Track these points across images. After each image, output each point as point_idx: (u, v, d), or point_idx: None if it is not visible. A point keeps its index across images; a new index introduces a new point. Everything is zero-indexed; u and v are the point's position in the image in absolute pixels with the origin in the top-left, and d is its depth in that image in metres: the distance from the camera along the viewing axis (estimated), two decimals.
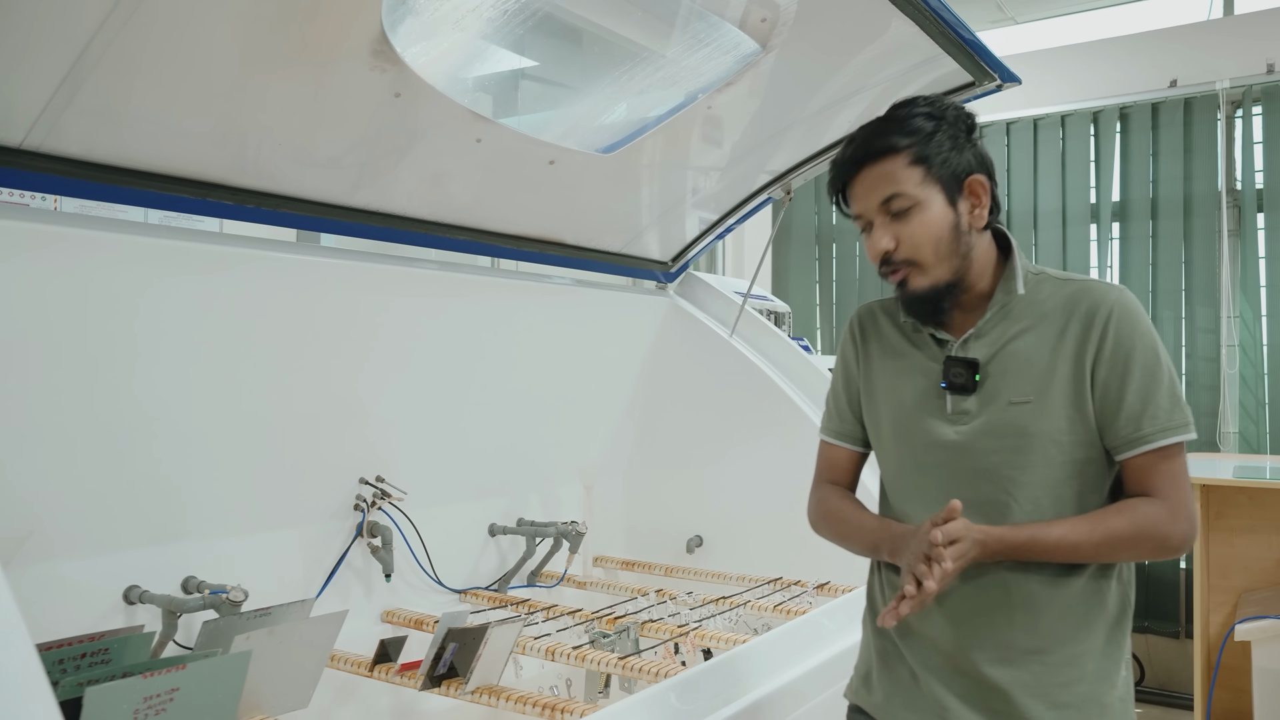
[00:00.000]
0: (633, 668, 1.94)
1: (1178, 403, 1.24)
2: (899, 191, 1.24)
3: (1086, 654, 1.25)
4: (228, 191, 1.91)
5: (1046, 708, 1.24)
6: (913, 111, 1.26)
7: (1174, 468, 1.23)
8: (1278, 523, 3.22)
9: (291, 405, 2.15)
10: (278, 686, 1.65)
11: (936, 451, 1.30)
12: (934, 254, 1.26)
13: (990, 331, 1.29)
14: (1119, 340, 1.23)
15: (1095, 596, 1.26)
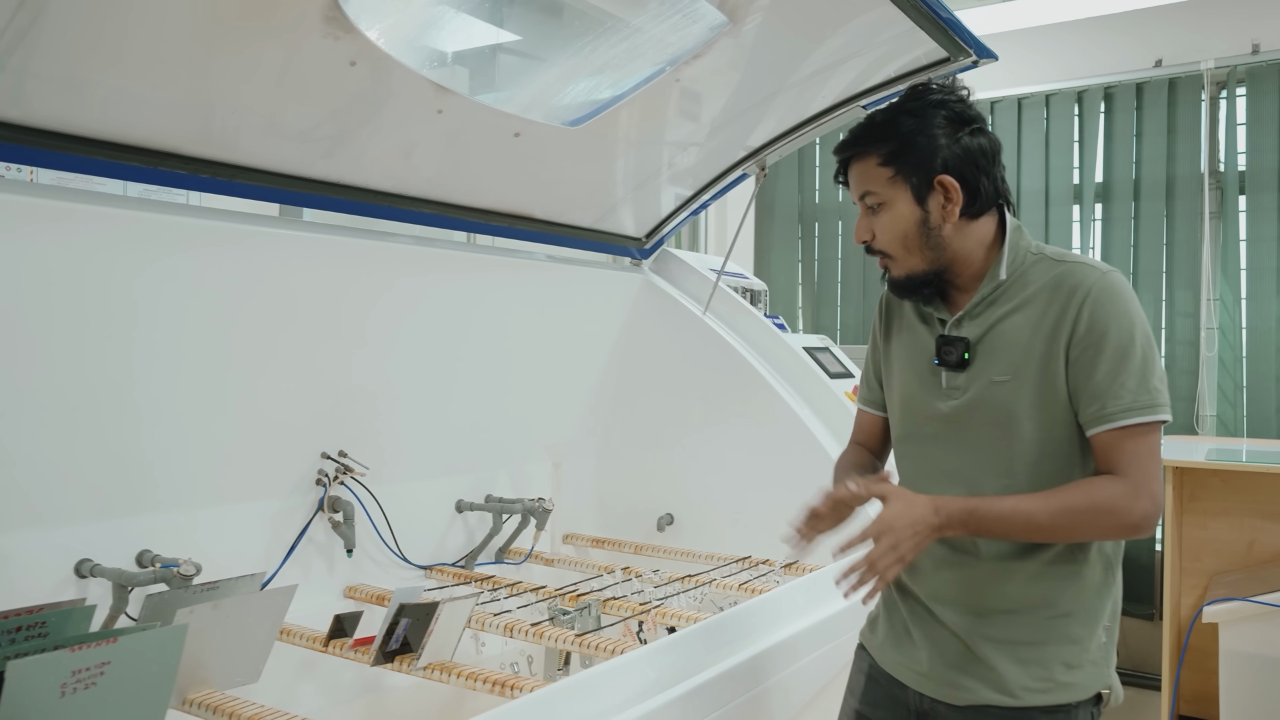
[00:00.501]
0: (589, 644, 1.93)
1: (1147, 384, 1.27)
2: (870, 190, 1.37)
3: (1056, 618, 1.32)
4: (188, 162, 1.88)
5: (1012, 663, 1.32)
6: (899, 110, 1.37)
7: (1138, 447, 1.26)
8: (1250, 506, 3.22)
9: (253, 378, 2.12)
10: (226, 660, 1.64)
11: (932, 423, 1.41)
12: (902, 248, 1.37)
13: (983, 312, 1.36)
14: (1093, 320, 1.28)
15: (1069, 565, 1.32)
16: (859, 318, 4.60)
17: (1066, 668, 1.32)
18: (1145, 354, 1.28)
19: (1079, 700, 1.33)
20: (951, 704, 1.37)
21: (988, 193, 1.37)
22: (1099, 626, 1.36)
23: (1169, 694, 3.07)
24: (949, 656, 1.38)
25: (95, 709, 1.23)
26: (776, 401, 2.87)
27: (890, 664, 1.47)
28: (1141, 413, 1.26)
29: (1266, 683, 2.76)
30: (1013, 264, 1.36)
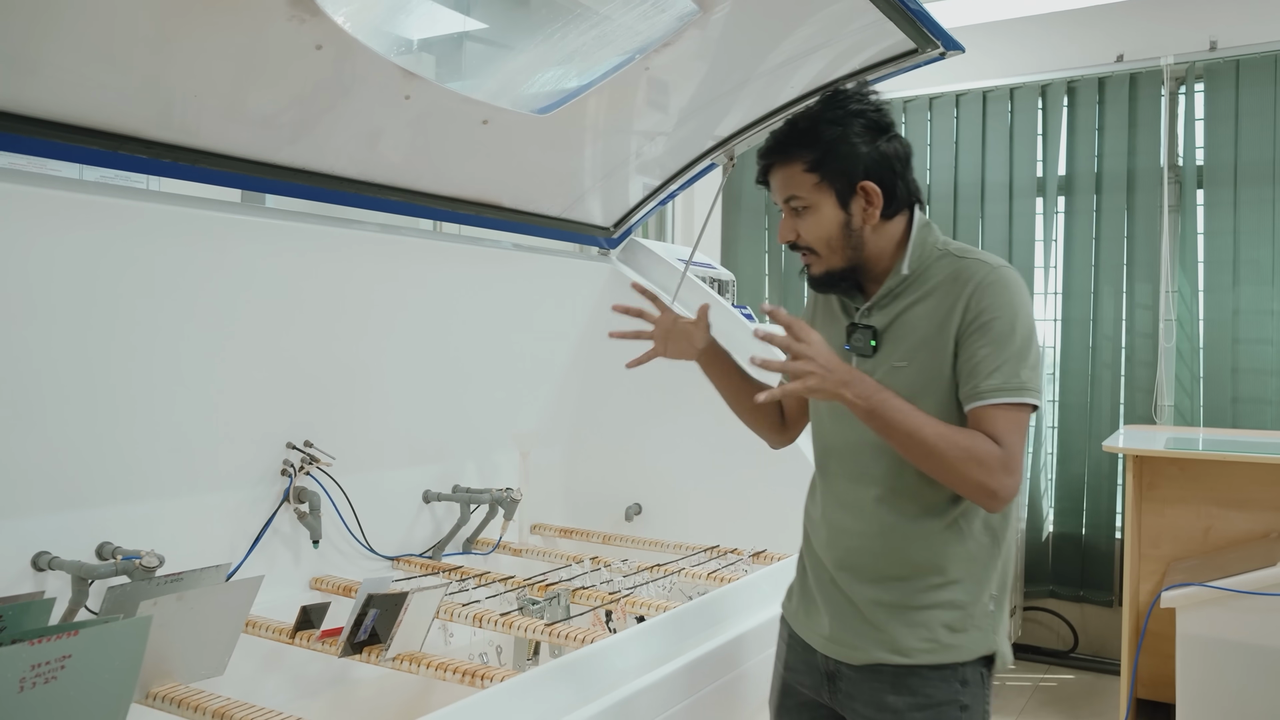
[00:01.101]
0: (559, 634, 1.92)
1: (1018, 370, 1.36)
2: (795, 194, 1.45)
3: (943, 585, 1.42)
4: (152, 147, 1.84)
5: (902, 625, 1.43)
6: (820, 119, 1.44)
7: (1008, 424, 1.35)
8: (1207, 494, 3.29)
9: (216, 367, 2.09)
10: (190, 653, 1.62)
11: None
12: (826, 247, 1.46)
13: (890, 304, 1.47)
14: (980, 308, 1.38)
15: (955, 536, 1.43)
16: None
17: (950, 630, 1.42)
18: (1023, 343, 1.37)
19: (964, 661, 1.43)
20: (851, 664, 1.48)
21: (902, 195, 1.47)
22: (984, 594, 1.45)
23: (1128, 678, 3.12)
24: (847, 621, 1.48)
25: (56, 704, 1.21)
26: None
27: (802, 630, 1.58)
28: (1011, 394, 1.35)
29: (1222, 665, 2.82)
30: (917, 260, 1.46)
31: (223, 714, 1.50)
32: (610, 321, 3.09)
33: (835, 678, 1.50)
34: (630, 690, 1.58)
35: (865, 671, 1.46)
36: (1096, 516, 4.06)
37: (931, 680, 1.42)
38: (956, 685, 1.43)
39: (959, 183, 4.33)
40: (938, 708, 1.42)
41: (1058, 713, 3.60)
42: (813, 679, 1.55)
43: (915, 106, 4.41)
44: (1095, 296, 4.08)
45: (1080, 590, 4.08)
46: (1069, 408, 4.14)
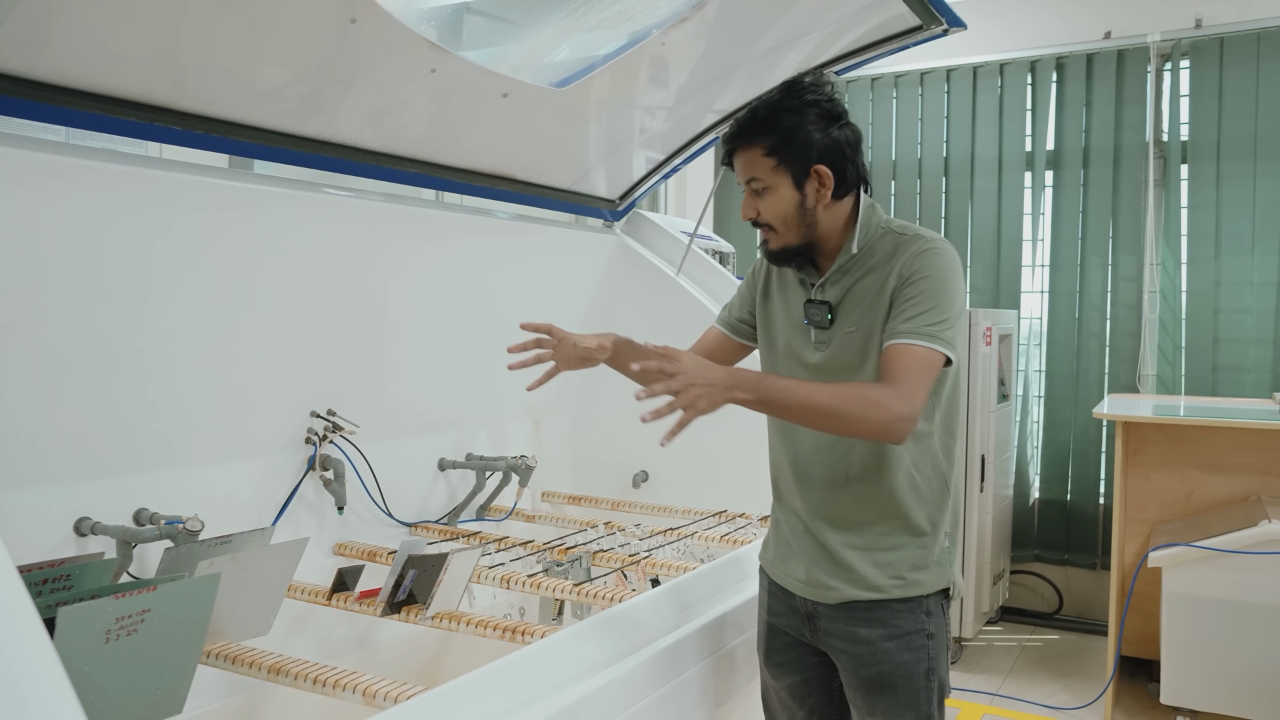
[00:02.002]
0: (587, 593, 1.99)
1: (933, 322, 1.49)
2: (755, 176, 1.57)
3: (904, 528, 1.59)
4: (172, 115, 1.86)
5: (870, 565, 1.59)
6: (778, 108, 1.55)
7: (911, 363, 1.47)
8: (1189, 458, 3.41)
9: (242, 336, 2.12)
10: (240, 613, 1.67)
11: (803, 371, 1.65)
12: (783, 225, 1.58)
13: (840, 279, 1.60)
14: (913, 271, 1.53)
15: (911, 484, 1.58)
16: None
17: (913, 568, 1.59)
18: (945, 302, 1.51)
19: (927, 593, 1.60)
20: (826, 603, 1.62)
21: (851, 177, 1.59)
22: (940, 534, 1.61)
23: (1115, 636, 3.25)
24: (821, 565, 1.62)
25: (136, 654, 1.26)
26: (749, 361, 2.93)
27: (780, 576, 1.72)
28: (920, 338, 1.48)
29: (1204, 621, 2.94)
30: (863, 239, 1.60)
31: (278, 669, 1.56)
32: (616, 292, 3.17)
33: (814, 617, 1.65)
34: (671, 640, 1.65)
35: (840, 609, 1.61)
36: (1082, 483, 4.18)
37: (900, 613, 1.59)
38: (922, 616, 1.59)
39: (949, 157, 4.40)
40: (907, 636, 1.58)
41: (1044, 671, 3.73)
42: (794, 620, 1.69)
43: (906, 81, 4.47)
44: (1082, 269, 4.18)
45: (1065, 554, 4.22)
46: (1056, 377, 4.25)
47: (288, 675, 1.54)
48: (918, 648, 1.59)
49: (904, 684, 1.58)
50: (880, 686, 1.59)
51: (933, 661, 1.60)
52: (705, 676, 1.80)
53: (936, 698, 1.61)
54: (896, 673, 1.58)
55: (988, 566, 3.84)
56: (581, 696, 1.46)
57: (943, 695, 1.63)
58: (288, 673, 1.54)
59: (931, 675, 1.60)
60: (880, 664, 1.58)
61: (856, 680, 1.61)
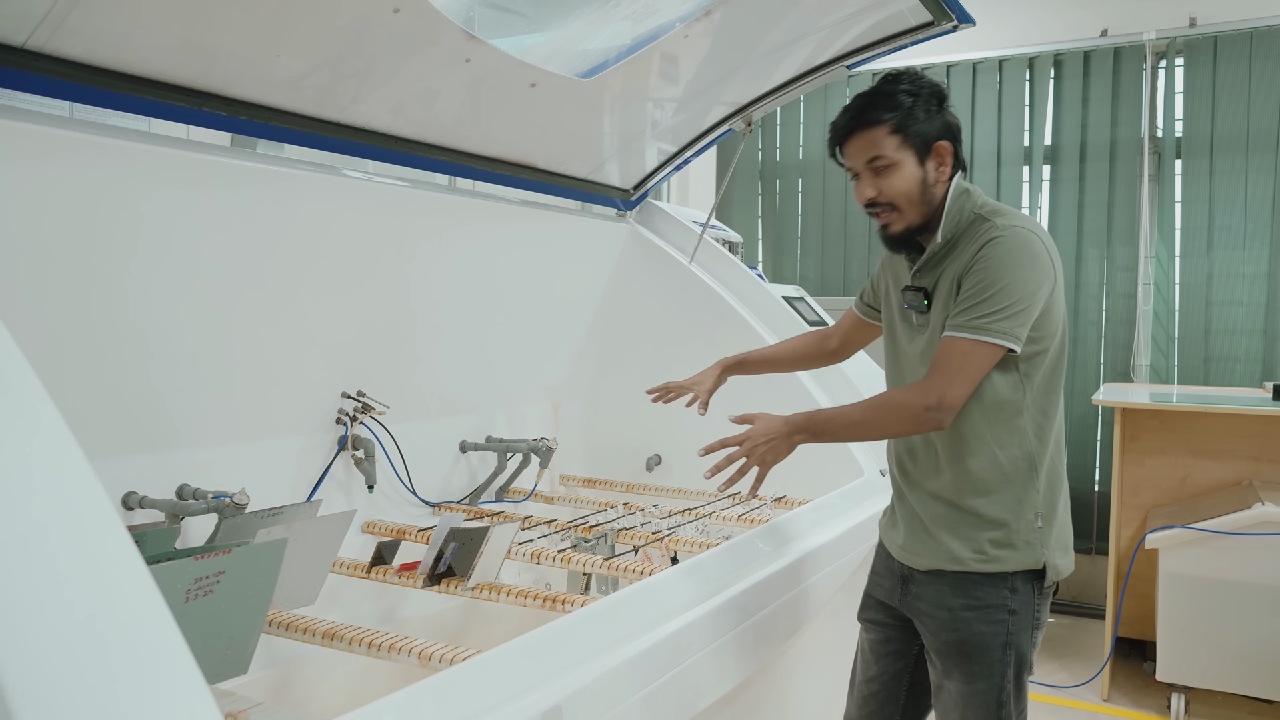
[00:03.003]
0: (617, 567, 2.06)
1: (988, 314, 1.55)
2: (880, 154, 1.62)
3: (984, 505, 1.65)
4: (220, 101, 1.92)
5: (955, 538, 1.67)
6: (896, 88, 1.62)
7: (952, 355, 1.57)
8: (1184, 445, 3.51)
9: (278, 317, 2.17)
10: (289, 583, 1.72)
11: (909, 360, 1.76)
12: (907, 202, 1.63)
13: (934, 267, 1.68)
14: (981, 260, 1.58)
15: (994, 463, 1.64)
16: (817, 272, 4.78)
17: (996, 545, 1.65)
18: (998, 294, 1.55)
19: (1012, 570, 1.65)
20: (918, 569, 1.74)
21: (960, 160, 1.66)
22: (1027, 513, 1.65)
23: (1112, 616, 3.35)
24: (916, 533, 1.74)
25: (212, 614, 1.32)
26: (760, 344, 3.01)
27: (886, 539, 1.87)
28: (964, 330, 1.56)
29: (1199, 600, 3.04)
30: (949, 227, 1.65)
31: (332, 634, 1.62)
32: (630, 280, 3.24)
33: (908, 581, 1.77)
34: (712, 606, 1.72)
35: (930, 575, 1.71)
36: (1078, 469, 4.29)
37: (983, 585, 1.65)
38: (1006, 592, 1.65)
39: None
40: (987, 609, 1.65)
41: (1043, 651, 3.83)
42: (890, 582, 1.82)
43: None
44: (1079, 261, 4.28)
45: None
46: None
47: (342, 640, 1.60)
48: (996, 621, 1.64)
49: (979, 654, 1.65)
50: (957, 653, 1.67)
51: (1012, 636, 1.65)
52: (779, 616, 1.94)
53: (1013, 671, 1.66)
54: (972, 641, 1.65)
55: None
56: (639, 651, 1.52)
57: (1020, 670, 1.68)
58: (342, 638, 1.61)
59: (1009, 649, 1.65)
60: (958, 631, 1.66)
61: (937, 643, 1.71)
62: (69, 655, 0.79)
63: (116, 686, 0.81)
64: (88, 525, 0.90)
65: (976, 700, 1.66)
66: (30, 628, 0.78)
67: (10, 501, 0.85)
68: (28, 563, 0.82)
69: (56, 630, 0.80)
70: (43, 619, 0.80)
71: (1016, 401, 1.63)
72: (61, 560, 0.85)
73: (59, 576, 0.84)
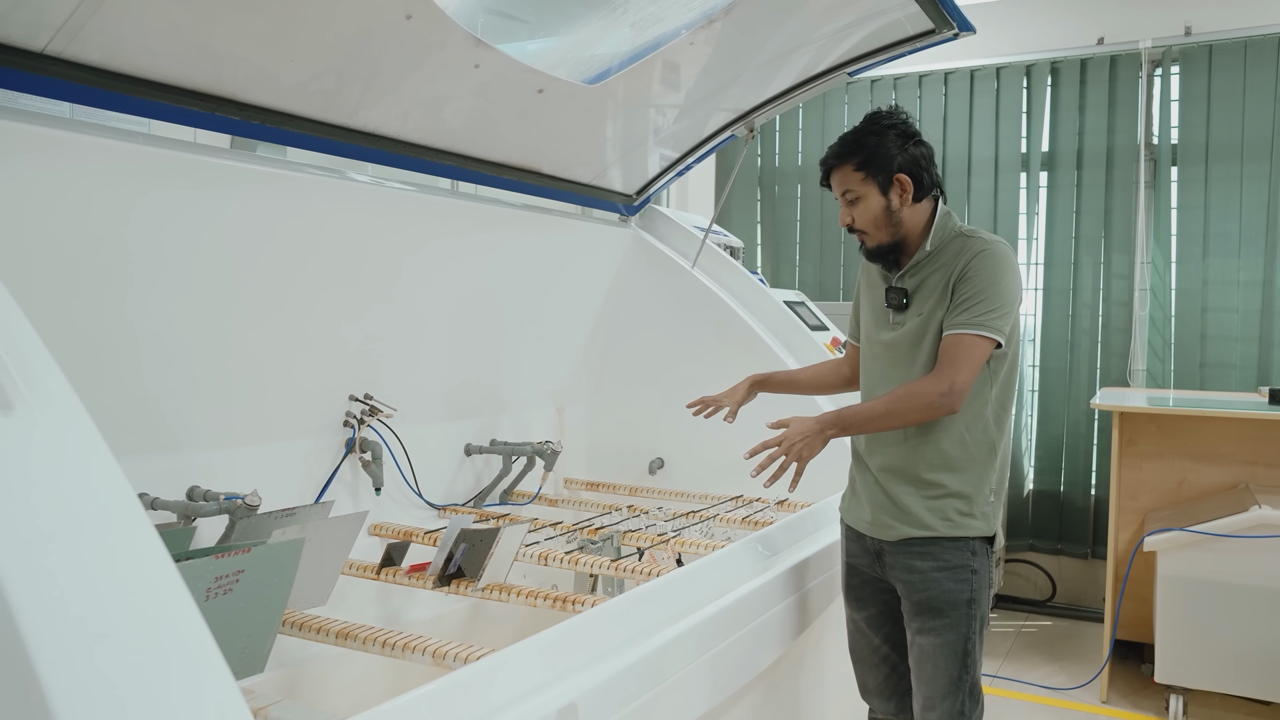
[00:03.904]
0: (624, 569, 2.08)
1: (985, 312, 1.82)
2: (849, 188, 1.93)
3: (953, 480, 1.88)
4: (235, 107, 1.94)
5: (923, 508, 1.89)
6: (863, 133, 1.92)
7: (957, 350, 1.82)
8: (1181, 448, 3.54)
9: (285, 320, 2.19)
10: (302, 583, 1.74)
11: (879, 347, 2.00)
12: (873, 227, 1.93)
13: (917, 272, 1.94)
14: (971, 269, 1.85)
15: (961, 445, 1.88)
16: (816, 277, 4.80)
17: (959, 514, 1.88)
18: (990, 296, 1.82)
19: (972, 536, 1.89)
20: (888, 540, 1.93)
21: (927, 184, 1.93)
22: (985, 488, 1.91)
23: (1111, 620, 3.37)
24: (885, 509, 1.94)
25: (232, 611, 1.33)
26: (765, 350, 3.04)
27: (852, 520, 2.05)
28: (967, 327, 1.82)
29: (1197, 603, 3.07)
30: (938, 239, 1.93)
31: (346, 634, 1.64)
32: (632, 285, 3.26)
33: (881, 554, 1.97)
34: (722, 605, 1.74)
35: (900, 545, 1.92)
36: (1074, 474, 4.31)
37: (949, 549, 1.89)
38: (968, 554, 1.89)
39: (947, 158, 4.52)
40: (954, 569, 1.88)
41: (1041, 654, 3.86)
42: (866, 559, 2.02)
43: (905, 84, 4.59)
44: (1075, 267, 4.31)
45: (1058, 544, 4.34)
46: (1049, 372, 4.38)
47: (356, 640, 1.62)
48: (962, 580, 1.88)
49: (948, 609, 1.88)
50: (929, 609, 1.89)
51: (975, 593, 1.89)
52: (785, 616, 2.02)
53: (978, 625, 1.91)
54: (943, 598, 1.88)
55: None
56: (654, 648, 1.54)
57: (983, 625, 1.93)
58: (356, 637, 1.62)
59: (973, 605, 1.89)
60: (929, 589, 1.88)
61: (910, 604, 1.92)
62: (103, 651, 0.81)
63: (148, 683, 0.82)
64: (118, 524, 0.91)
65: (947, 650, 1.88)
66: (65, 624, 0.80)
67: (45, 501, 0.86)
68: (62, 560, 0.84)
69: (89, 627, 0.81)
70: (77, 615, 0.81)
71: (984, 393, 1.89)
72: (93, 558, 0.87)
73: (92, 574, 0.85)
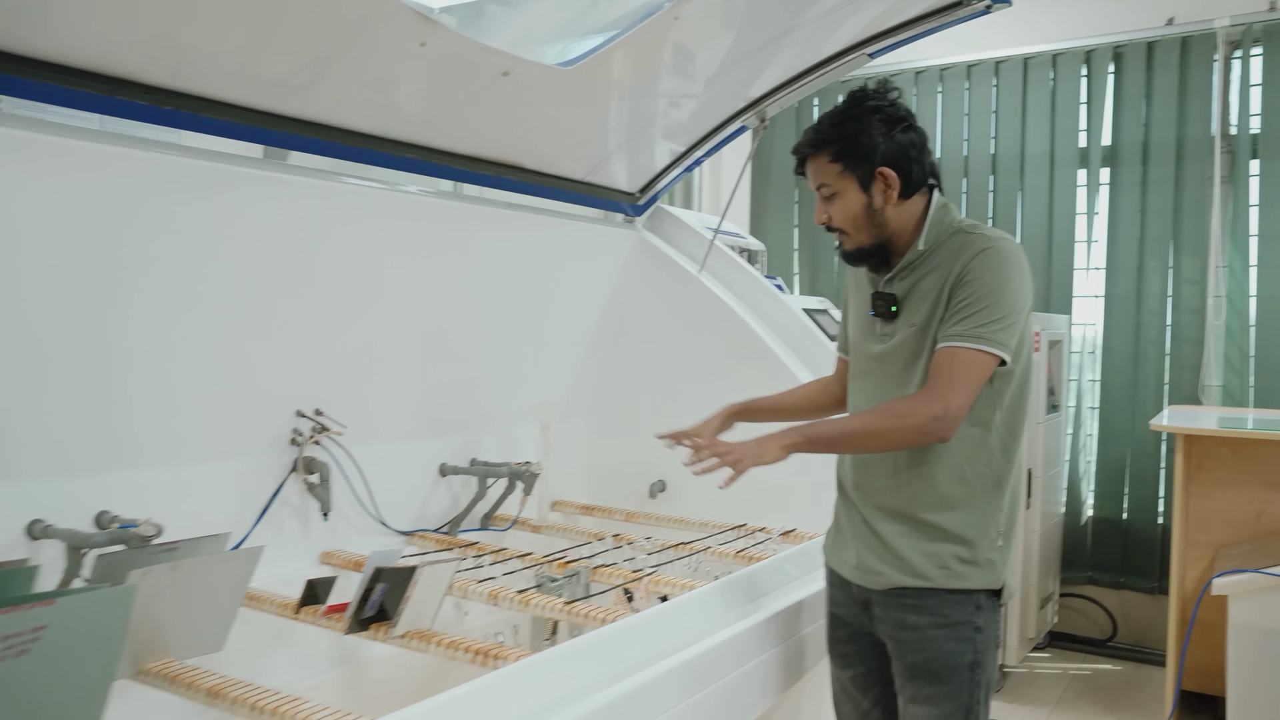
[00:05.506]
0: (578, 613, 1.82)
1: (986, 323, 1.54)
2: (824, 182, 1.66)
3: (950, 520, 1.61)
4: (151, 92, 1.74)
5: (917, 553, 1.62)
6: (842, 117, 1.64)
7: (952, 365, 1.54)
8: (1259, 475, 3.13)
9: (224, 329, 2.00)
10: (186, 628, 1.52)
11: (868, 362, 1.73)
12: (853, 226, 1.66)
13: (909, 275, 1.66)
14: (970, 271, 1.57)
15: (960, 479, 1.61)
16: None
17: (960, 562, 1.60)
18: (994, 304, 1.54)
19: (975, 589, 1.61)
20: (877, 589, 1.66)
21: (919, 177, 1.65)
22: (992, 531, 1.62)
23: (1175, 668, 2.99)
24: (873, 551, 1.66)
25: (29, 679, 1.11)
26: (775, 364, 2.75)
27: (835, 563, 1.78)
28: (965, 340, 1.54)
29: (1275, 656, 2.68)
30: (934, 236, 1.65)
31: (217, 692, 1.41)
32: (635, 291, 3.00)
33: (869, 604, 1.70)
34: (656, 673, 1.46)
35: (891, 595, 1.64)
36: (1139, 500, 3.91)
37: (949, 603, 1.61)
38: (971, 609, 1.61)
39: (998, 154, 4.17)
40: (954, 626, 1.60)
41: (1097, 703, 3.47)
42: (853, 609, 1.74)
43: (952, 74, 4.25)
44: (1140, 272, 3.91)
45: (1121, 577, 3.94)
46: (1111, 387, 3.98)
47: (225, 699, 1.39)
48: (964, 639, 1.60)
49: (947, 673, 1.60)
50: (924, 673, 1.62)
51: (979, 655, 1.62)
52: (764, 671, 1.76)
53: (982, 693, 1.64)
54: (941, 661, 1.60)
55: (1034, 589, 3.59)
56: None
57: (989, 691, 1.66)
58: (226, 696, 1.39)
59: (977, 669, 1.61)
60: (925, 650, 1.61)
61: (902, 666, 1.65)
62: None
63: None
64: None
65: None
66: None
67: None
68: None
69: None
70: None
71: (987, 418, 1.61)
72: None
73: None
